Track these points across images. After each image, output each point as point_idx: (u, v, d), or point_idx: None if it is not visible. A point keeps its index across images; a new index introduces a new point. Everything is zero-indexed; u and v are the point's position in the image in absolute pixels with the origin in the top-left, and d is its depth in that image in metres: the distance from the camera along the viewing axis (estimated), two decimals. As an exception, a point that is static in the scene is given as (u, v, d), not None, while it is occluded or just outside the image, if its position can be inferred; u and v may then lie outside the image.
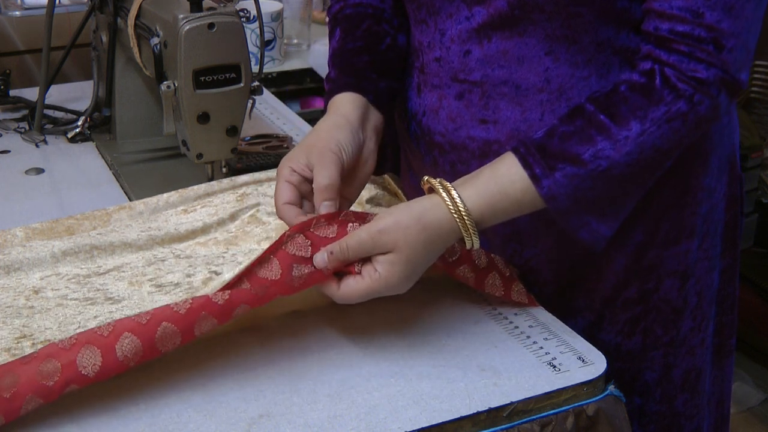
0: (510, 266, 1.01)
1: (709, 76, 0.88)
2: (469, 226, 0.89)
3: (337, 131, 0.99)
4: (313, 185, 0.95)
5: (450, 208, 0.89)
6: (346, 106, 1.02)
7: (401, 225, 0.88)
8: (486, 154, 1.01)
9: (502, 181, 0.91)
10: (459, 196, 0.89)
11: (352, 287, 0.88)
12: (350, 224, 0.91)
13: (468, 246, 0.91)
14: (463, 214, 0.88)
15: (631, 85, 0.90)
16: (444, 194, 0.89)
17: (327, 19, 1.16)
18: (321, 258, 0.89)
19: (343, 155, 0.97)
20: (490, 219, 0.91)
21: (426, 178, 0.92)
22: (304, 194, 0.97)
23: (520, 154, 0.91)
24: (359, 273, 0.89)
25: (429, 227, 0.88)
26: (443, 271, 0.97)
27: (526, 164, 0.90)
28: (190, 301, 0.85)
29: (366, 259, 0.89)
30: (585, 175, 0.89)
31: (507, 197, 0.90)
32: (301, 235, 0.89)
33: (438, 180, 0.91)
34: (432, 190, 0.91)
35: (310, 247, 0.90)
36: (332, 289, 0.89)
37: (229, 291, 0.86)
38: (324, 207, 0.93)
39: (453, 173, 1.05)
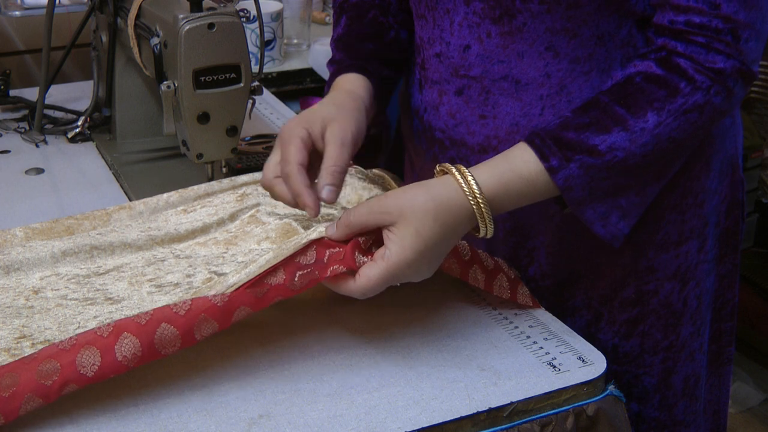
0: (512, 269, 1.01)
1: (727, 67, 0.87)
2: (481, 204, 0.86)
3: (357, 112, 0.97)
4: (324, 164, 0.91)
5: (461, 183, 0.86)
6: (355, 84, 1.02)
7: (408, 192, 0.86)
8: (485, 149, 1.01)
9: (515, 163, 0.89)
10: (471, 174, 0.87)
11: (368, 274, 0.85)
12: (360, 239, 0.89)
13: (482, 233, 0.88)
14: (474, 189, 0.86)
15: (646, 76, 0.90)
16: (455, 171, 0.87)
17: (327, 18, 1.16)
18: (331, 227, 0.86)
19: (358, 140, 0.95)
20: (503, 200, 0.88)
21: (439, 165, 0.90)
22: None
23: (535, 145, 0.89)
24: (372, 259, 0.86)
25: (437, 199, 0.85)
26: (457, 273, 0.96)
27: (542, 156, 0.89)
28: (190, 302, 0.85)
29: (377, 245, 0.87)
30: (601, 165, 0.88)
31: (521, 179, 0.89)
32: (313, 247, 0.88)
33: (453, 165, 0.89)
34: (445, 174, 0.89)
35: (315, 252, 0.88)
36: (349, 284, 0.86)
37: (229, 294, 0.86)
38: (327, 191, 0.90)
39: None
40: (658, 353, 1.07)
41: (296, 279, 0.87)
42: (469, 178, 0.86)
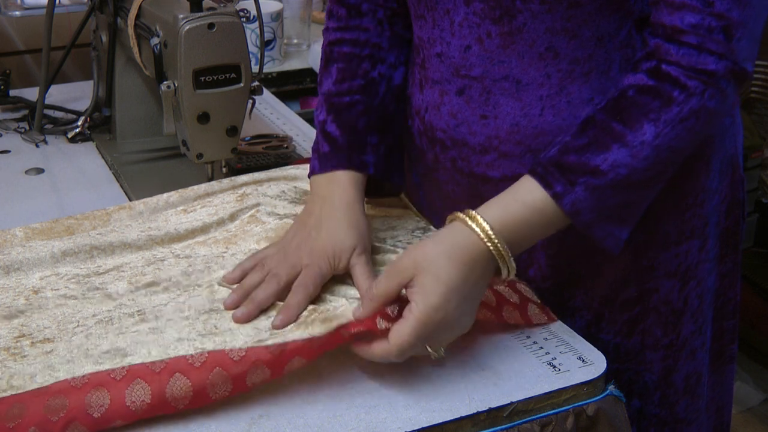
0: (529, 288, 1.00)
1: (719, 68, 0.87)
2: (495, 240, 0.86)
3: (368, 230, 1.02)
4: (363, 298, 0.93)
5: (470, 225, 0.87)
6: (358, 190, 1.04)
7: (419, 246, 0.88)
8: (486, 150, 1.01)
9: (520, 194, 0.89)
10: (479, 214, 0.87)
11: (399, 331, 0.85)
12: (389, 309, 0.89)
13: (504, 274, 0.88)
14: (485, 225, 0.86)
15: (639, 89, 0.89)
16: (462, 215, 0.88)
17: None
18: (357, 309, 0.88)
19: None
20: (514, 233, 0.88)
21: (449, 217, 0.91)
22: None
23: (538, 174, 0.89)
24: (398, 317, 0.86)
25: (448, 242, 0.86)
26: (494, 319, 0.95)
27: (546, 184, 0.88)
28: (206, 355, 0.84)
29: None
30: (605, 185, 0.88)
31: (528, 209, 0.88)
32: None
33: (461, 211, 0.90)
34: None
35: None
36: (383, 346, 0.85)
37: (246, 348, 0.84)
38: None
39: (454, 169, 1.05)
40: (658, 350, 1.07)
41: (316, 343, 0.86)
42: (478, 218, 0.87)
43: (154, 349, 0.92)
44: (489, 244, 0.86)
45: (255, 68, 1.25)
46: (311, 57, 2.17)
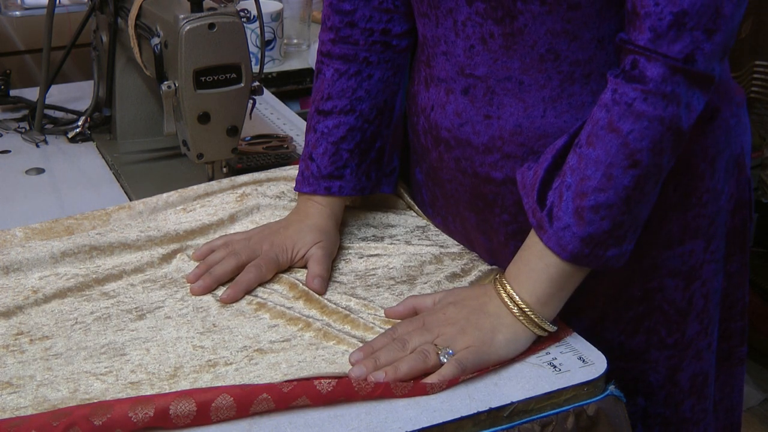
0: None
1: (655, 74, 0.85)
2: (529, 314, 0.92)
3: (335, 238, 1.11)
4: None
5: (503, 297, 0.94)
6: (325, 212, 1.12)
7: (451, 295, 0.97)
8: (489, 150, 1.01)
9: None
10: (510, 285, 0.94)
11: (442, 373, 0.88)
12: None
13: (545, 330, 0.93)
14: (517, 300, 0.93)
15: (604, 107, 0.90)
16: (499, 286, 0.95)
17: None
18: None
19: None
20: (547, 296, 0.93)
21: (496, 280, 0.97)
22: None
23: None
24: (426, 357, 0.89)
25: (450, 291, 0.98)
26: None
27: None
28: (213, 389, 0.83)
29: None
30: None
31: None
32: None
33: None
34: None
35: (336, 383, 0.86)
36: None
37: (251, 386, 0.84)
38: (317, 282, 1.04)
39: (457, 169, 1.05)
40: (663, 350, 1.07)
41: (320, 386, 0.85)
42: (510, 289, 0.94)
43: (153, 347, 0.92)
44: (522, 317, 0.93)
45: (255, 68, 1.25)
46: (311, 57, 2.17)
